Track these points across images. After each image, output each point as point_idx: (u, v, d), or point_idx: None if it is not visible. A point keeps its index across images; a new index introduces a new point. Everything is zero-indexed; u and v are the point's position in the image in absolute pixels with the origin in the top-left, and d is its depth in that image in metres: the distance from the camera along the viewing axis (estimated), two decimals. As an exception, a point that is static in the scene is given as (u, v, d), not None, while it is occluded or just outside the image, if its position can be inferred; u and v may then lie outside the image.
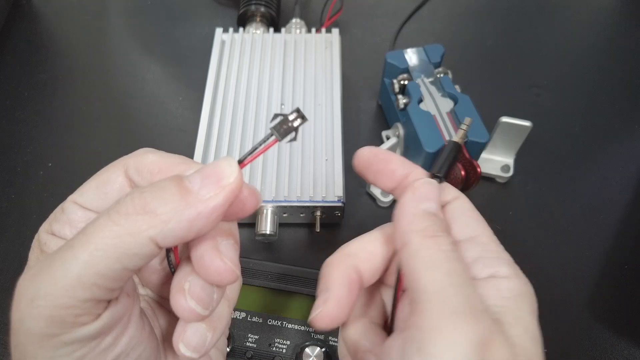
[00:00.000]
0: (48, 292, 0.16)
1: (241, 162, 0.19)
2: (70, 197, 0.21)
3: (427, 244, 0.20)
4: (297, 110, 0.20)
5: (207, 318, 0.20)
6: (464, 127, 0.28)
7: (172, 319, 0.24)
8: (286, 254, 0.26)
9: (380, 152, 0.25)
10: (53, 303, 0.16)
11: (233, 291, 0.24)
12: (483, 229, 0.23)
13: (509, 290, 0.21)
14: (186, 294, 0.19)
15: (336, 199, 0.43)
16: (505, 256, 0.22)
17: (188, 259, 0.20)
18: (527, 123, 0.45)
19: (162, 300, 0.25)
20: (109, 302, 0.18)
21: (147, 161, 0.20)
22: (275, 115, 0.20)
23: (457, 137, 0.27)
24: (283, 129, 0.19)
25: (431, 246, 0.20)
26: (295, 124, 0.20)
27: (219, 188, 0.17)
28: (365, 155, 0.25)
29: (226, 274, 0.19)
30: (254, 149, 0.19)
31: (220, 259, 0.19)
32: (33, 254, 0.21)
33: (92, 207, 0.21)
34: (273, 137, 0.19)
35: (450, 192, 0.25)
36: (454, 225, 0.23)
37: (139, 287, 0.25)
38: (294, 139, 0.20)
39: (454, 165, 0.26)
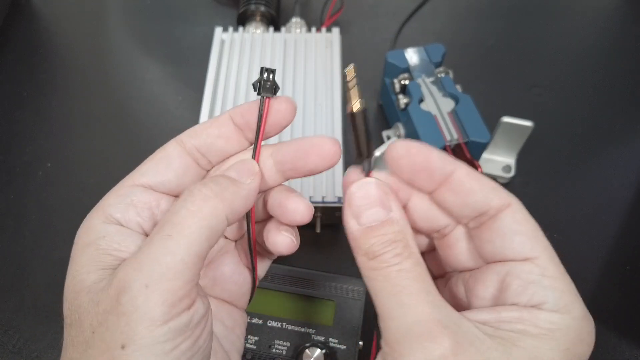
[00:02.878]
0: (160, 277, 0.19)
1: (255, 153, 0.24)
2: (128, 182, 0.23)
3: (372, 266, 0.21)
4: (261, 70, 0.23)
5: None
6: (348, 79, 0.23)
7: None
8: (286, 256, 0.25)
9: (414, 146, 0.22)
10: (166, 287, 0.19)
11: None
12: (541, 247, 0.22)
13: (546, 323, 0.20)
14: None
15: (336, 200, 0.43)
16: (561, 284, 0.21)
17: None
18: (528, 123, 0.45)
19: None
20: (196, 294, 0.21)
21: (200, 128, 0.24)
22: (253, 85, 0.23)
23: (351, 105, 0.23)
24: (267, 87, 0.23)
25: (376, 268, 0.20)
26: (271, 77, 0.23)
27: (252, 175, 0.23)
28: (398, 151, 0.22)
29: (306, 211, 0.24)
30: (259, 119, 0.23)
31: (300, 199, 0.24)
32: (90, 253, 0.21)
33: (154, 183, 0.23)
34: (265, 98, 0.23)
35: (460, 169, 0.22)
36: (507, 244, 0.22)
37: None
38: (278, 87, 0.24)
39: (370, 138, 0.23)
